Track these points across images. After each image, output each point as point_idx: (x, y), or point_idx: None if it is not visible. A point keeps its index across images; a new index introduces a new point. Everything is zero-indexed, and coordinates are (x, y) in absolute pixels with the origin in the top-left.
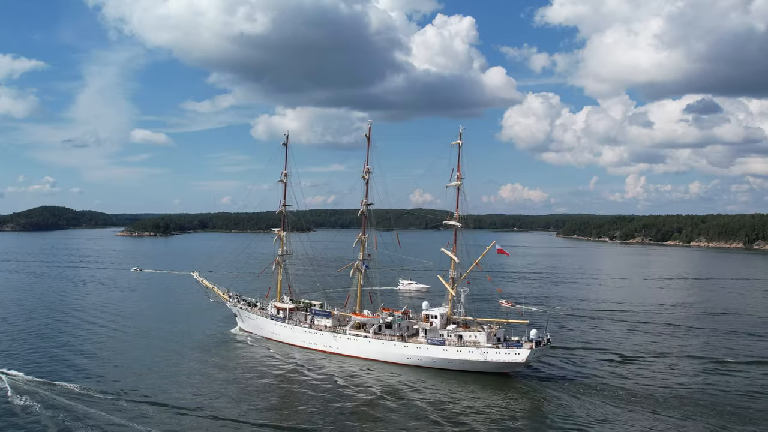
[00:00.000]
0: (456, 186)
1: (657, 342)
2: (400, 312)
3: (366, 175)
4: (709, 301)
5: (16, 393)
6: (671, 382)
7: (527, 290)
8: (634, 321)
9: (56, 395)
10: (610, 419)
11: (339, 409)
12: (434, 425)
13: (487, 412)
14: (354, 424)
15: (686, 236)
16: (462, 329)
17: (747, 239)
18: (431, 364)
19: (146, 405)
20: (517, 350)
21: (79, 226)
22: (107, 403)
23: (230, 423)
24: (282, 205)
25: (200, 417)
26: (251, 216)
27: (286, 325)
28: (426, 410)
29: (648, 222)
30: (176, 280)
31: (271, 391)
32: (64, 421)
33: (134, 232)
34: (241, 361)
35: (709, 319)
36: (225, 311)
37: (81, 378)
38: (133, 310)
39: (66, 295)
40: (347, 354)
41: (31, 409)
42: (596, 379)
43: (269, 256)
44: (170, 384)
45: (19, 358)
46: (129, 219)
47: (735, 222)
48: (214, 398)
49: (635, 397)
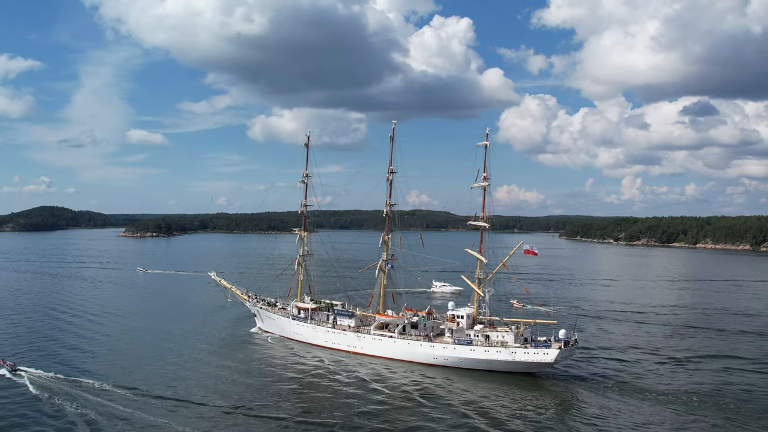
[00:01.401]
0: (482, 187)
1: (683, 343)
2: (424, 312)
3: (390, 176)
4: (731, 302)
5: (41, 390)
6: (698, 382)
7: (544, 291)
8: (658, 323)
9: (83, 392)
10: (637, 418)
11: (370, 407)
12: (468, 423)
13: (519, 410)
14: (387, 421)
15: (692, 238)
16: (489, 329)
17: (754, 241)
18: (458, 364)
19: (174, 402)
20: (546, 350)
21: (77, 227)
22: (137, 401)
23: (261, 419)
24: (303, 205)
25: (232, 413)
26: (251, 217)
27: (308, 325)
28: (459, 409)
29: (652, 224)
30: (185, 280)
31: (300, 388)
32: (92, 418)
33: (136, 233)
34: (265, 360)
35: (733, 320)
36: (240, 311)
37: (105, 375)
38: (146, 310)
39: (79, 296)
40: (371, 354)
41: (59, 406)
42: (623, 379)
43: (276, 257)
44: (196, 381)
45: (43, 356)
46: (127, 219)
47: (741, 224)
48: (243, 395)
49: (663, 397)
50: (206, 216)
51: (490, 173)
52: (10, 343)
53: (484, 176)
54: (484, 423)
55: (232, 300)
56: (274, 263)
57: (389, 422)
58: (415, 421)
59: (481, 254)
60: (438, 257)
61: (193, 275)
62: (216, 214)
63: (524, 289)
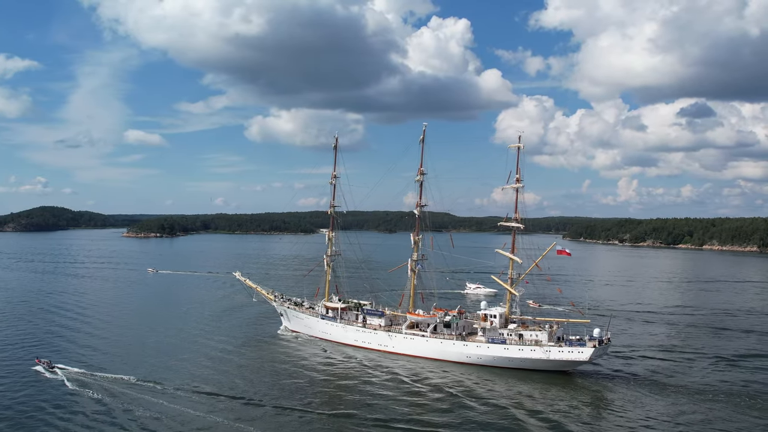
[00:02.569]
0: (515, 188)
1: (711, 342)
2: (455, 312)
3: (420, 177)
4: (755, 303)
5: (79, 385)
6: (726, 380)
7: (571, 292)
8: (684, 323)
9: (117, 387)
10: (671, 413)
11: (412, 404)
12: (509, 418)
13: (558, 406)
14: (427, 415)
15: (698, 239)
16: (522, 329)
17: (762, 242)
18: (491, 363)
19: (218, 397)
20: (581, 348)
21: (78, 227)
22: (175, 395)
23: (301, 413)
24: (331, 206)
25: (270, 408)
26: (252, 217)
27: (338, 325)
28: (498, 405)
29: (657, 225)
30: (198, 280)
31: (337, 385)
32: (128, 409)
33: (140, 233)
34: (298, 358)
35: (758, 321)
36: (262, 310)
37: (137, 371)
38: (167, 310)
39: (98, 295)
40: (403, 353)
41: (98, 400)
42: (654, 376)
43: (290, 258)
44: (231, 377)
45: (74, 354)
46: (126, 220)
47: (747, 225)
48: (279, 389)
49: (696, 393)
50: (207, 216)
51: (522, 175)
52: (42, 342)
53: (516, 178)
54: (524, 416)
55: (257, 300)
56: (288, 264)
57: (429, 416)
58: (454, 416)
59: (515, 255)
60: (468, 258)
61: (206, 275)
62: (217, 215)
63: (557, 289)
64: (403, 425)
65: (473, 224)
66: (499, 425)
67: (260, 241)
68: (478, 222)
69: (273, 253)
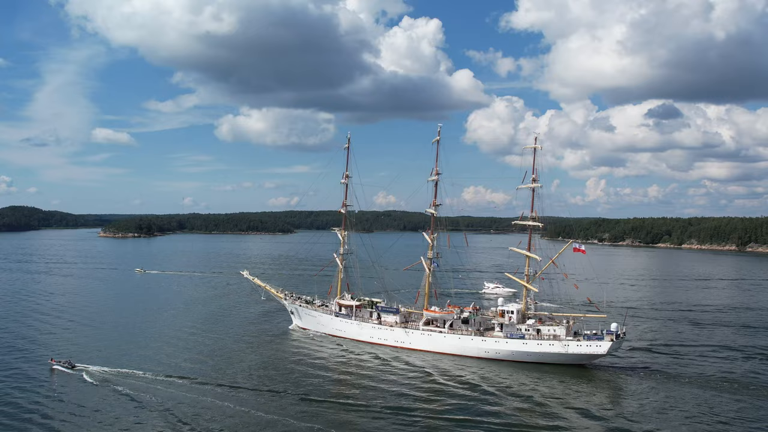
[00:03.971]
0: (531, 188)
1: (717, 335)
2: (470, 308)
3: (435, 177)
4: (749, 299)
5: (102, 382)
6: (732, 370)
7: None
8: (688, 319)
9: (140, 382)
10: (685, 402)
11: (438, 394)
12: (538, 408)
13: (580, 397)
14: (455, 406)
15: (677, 239)
16: (539, 324)
17: (740, 241)
18: (510, 357)
19: (244, 390)
20: (599, 342)
21: (49, 227)
22: (201, 389)
23: (328, 404)
24: (343, 205)
25: (295, 399)
26: (229, 217)
27: (353, 322)
28: (524, 396)
29: (636, 225)
30: (188, 280)
31: (362, 377)
32: (154, 402)
33: (117, 233)
34: (315, 354)
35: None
36: (265, 308)
37: (156, 367)
38: (171, 310)
39: (97, 295)
40: (420, 349)
41: (123, 394)
42: (666, 368)
43: (283, 257)
44: (249, 371)
45: (89, 352)
46: (96, 220)
47: (725, 225)
48: (299, 381)
49: (707, 383)
50: (183, 216)
51: (539, 176)
52: (58, 342)
53: (533, 178)
54: (555, 404)
55: (265, 298)
56: (283, 263)
57: (456, 407)
58: (482, 406)
59: (533, 252)
60: (481, 257)
61: (196, 275)
62: (191, 215)
63: (574, 285)
64: (433, 414)
65: (448, 223)
66: (526, 413)
67: (241, 241)
68: (452, 221)
69: (261, 253)
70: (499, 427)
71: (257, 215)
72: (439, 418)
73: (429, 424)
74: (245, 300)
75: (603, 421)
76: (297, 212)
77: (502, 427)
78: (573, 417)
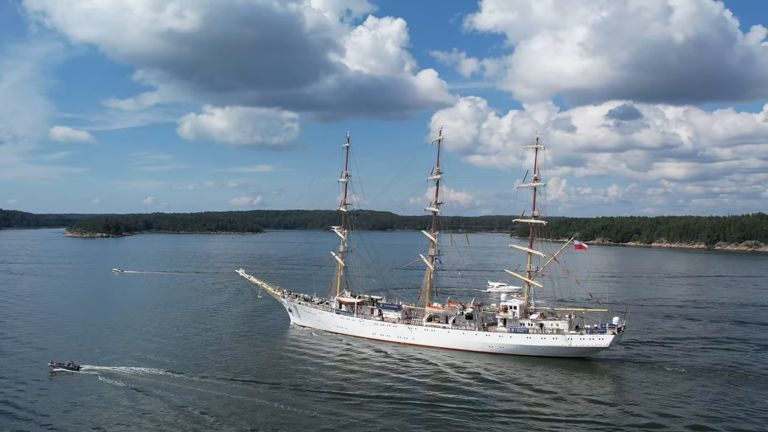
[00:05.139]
0: (533, 187)
1: (709, 329)
2: (470, 304)
3: (438, 176)
4: (730, 295)
5: (113, 379)
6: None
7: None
8: (681, 314)
9: (147, 380)
10: (681, 389)
11: (448, 387)
12: (552, 398)
13: (587, 387)
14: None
15: (647, 237)
16: (540, 319)
17: (709, 240)
18: (514, 351)
19: (267, 386)
20: (601, 335)
21: (9, 227)
22: (223, 386)
23: (345, 397)
24: (342, 204)
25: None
26: (197, 217)
27: (355, 319)
28: (531, 387)
29: (606, 223)
30: (170, 280)
31: (371, 371)
32: (163, 396)
33: (85, 233)
34: (320, 350)
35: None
36: (258, 307)
37: (162, 363)
38: (161, 309)
39: (81, 294)
40: (424, 344)
41: (130, 392)
42: (662, 359)
43: (263, 256)
44: (259, 367)
45: (88, 352)
46: (57, 219)
47: (693, 224)
48: (319, 377)
49: (700, 372)
50: (149, 216)
51: (539, 174)
52: (51, 344)
53: (534, 177)
54: (562, 394)
55: (262, 296)
56: (269, 263)
57: (464, 398)
58: (490, 396)
59: (536, 249)
60: (481, 257)
61: (177, 275)
62: (158, 214)
63: (575, 281)
64: (445, 404)
65: (416, 223)
66: (534, 404)
67: (212, 240)
68: (421, 221)
69: (240, 252)
70: (509, 416)
71: (225, 215)
72: (449, 409)
73: (438, 414)
74: (236, 298)
75: (608, 407)
76: (264, 212)
77: (512, 416)
78: (580, 406)
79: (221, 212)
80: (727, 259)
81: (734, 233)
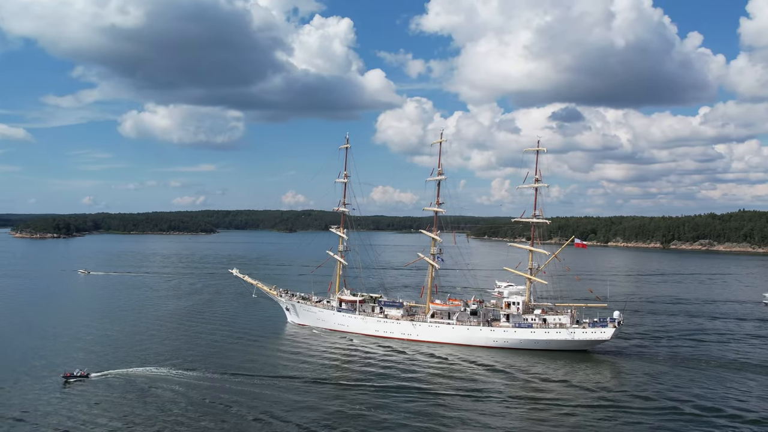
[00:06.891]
0: (534, 188)
1: (694, 323)
2: (471, 301)
3: (442, 177)
4: (703, 292)
5: (125, 382)
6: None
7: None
8: (677, 310)
9: (155, 380)
10: (675, 378)
11: (458, 378)
12: (551, 386)
13: (590, 376)
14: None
15: (603, 237)
16: (543, 314)
17: (664, 239)
18: (517, 345)
19: (274, 379)
20: (603, 329)
21: None
22: (231, 380)
23: (361, 390)
24: (342, 204)
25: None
26: (148, 217)
27: (357, 316)
28: (539, 377)
29: (562, 223)
30: (142, 281)
31: (377, 366)
32: (171, 396)
33: (34, 234)
34: (326, 347)
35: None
36: (250, 305)
37: (167, 363)
38: (153, 309)
39: (54, 298)
40: (428, 340)
41: (146, 394)
42: (657, 351)
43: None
44: (267, 363)
45: (92, 357)
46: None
47: (648, 223)
48: (332, 370)
49: (692, 362)
50: (98, 216)
51: (540, 175)
52: (51, 354)
53: (535, 178)
54: (566, 384)
55: (257, 296)
56: (252, 264)
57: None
58: (496, 387)
59: (538, 247)
60: (481, 255)
61: (143, 276)
62: (105, 214)
63: (576, 278)
64: (453, 392)
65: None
66: (540, 392)
67: (169, 240)
68: (375, 221)
69: (205, 252)
70: (517, 405)
71: (173, 215)
72: (458, 397)
73: (448, 402)
74: (218, 298)
75: (610, 393)
76: (213, 212)
77: (519, 404)
78: (583, 394)
79: (168, 212)
80: (685, 257)
81: (688, 233)
